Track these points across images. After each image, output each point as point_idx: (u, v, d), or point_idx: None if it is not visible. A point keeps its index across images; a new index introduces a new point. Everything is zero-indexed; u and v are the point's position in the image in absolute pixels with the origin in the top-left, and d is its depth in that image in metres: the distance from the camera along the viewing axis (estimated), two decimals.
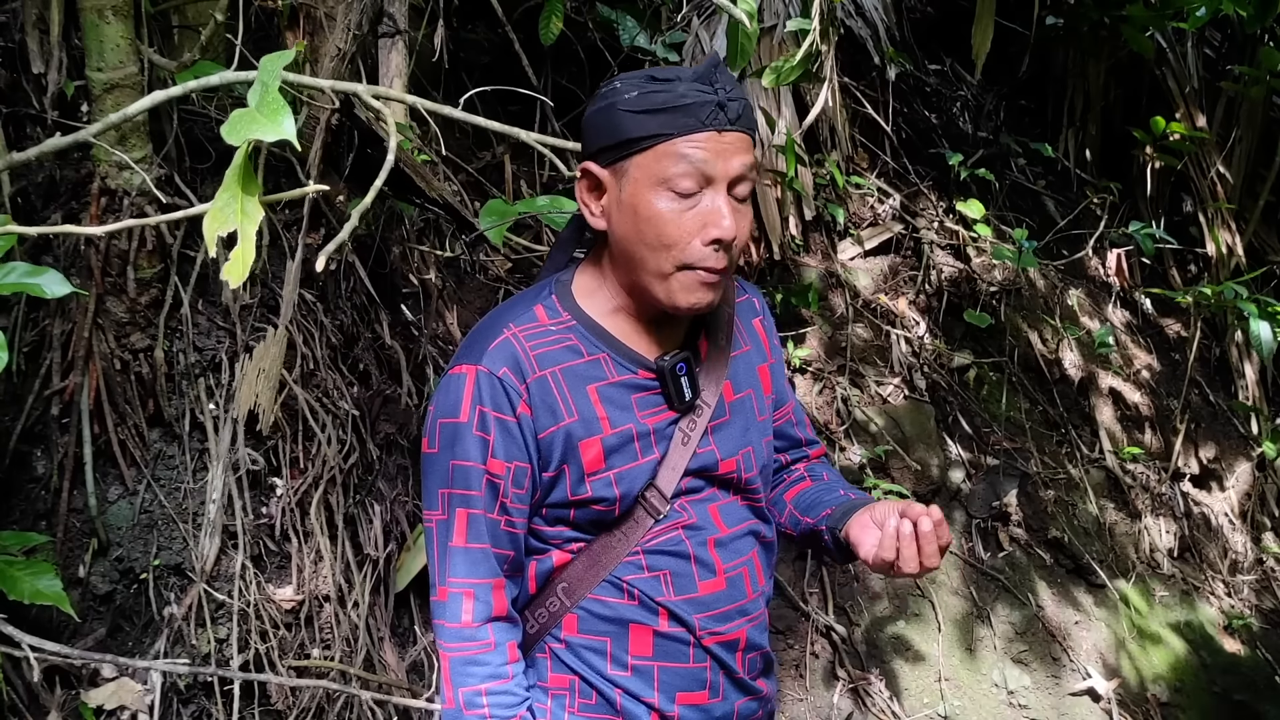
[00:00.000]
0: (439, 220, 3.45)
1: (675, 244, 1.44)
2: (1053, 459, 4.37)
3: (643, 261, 1.47)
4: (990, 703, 3.61)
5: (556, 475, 1.50)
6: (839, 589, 3.61)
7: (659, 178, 1.42)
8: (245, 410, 2.44)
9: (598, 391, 1.50)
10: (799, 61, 2.45)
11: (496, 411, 1.46)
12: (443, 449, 1.47)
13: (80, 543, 2.31)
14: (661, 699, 1.55)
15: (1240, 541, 4.82)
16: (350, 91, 1.72)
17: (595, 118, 1.48)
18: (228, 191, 0.79)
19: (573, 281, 1.57)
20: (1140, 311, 5.28)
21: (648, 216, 1.44)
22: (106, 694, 2.19)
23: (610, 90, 1.47)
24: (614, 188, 1.47)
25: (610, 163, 1.46)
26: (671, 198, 1.43)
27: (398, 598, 2.64)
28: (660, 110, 1.42)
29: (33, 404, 2.31)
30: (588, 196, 1.51)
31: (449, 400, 1.48)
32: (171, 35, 2.53)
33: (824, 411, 3.93)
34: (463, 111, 1.66)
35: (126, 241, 2.34)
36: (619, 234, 1.48)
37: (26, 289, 1.81)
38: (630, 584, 1.53)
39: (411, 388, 2.89)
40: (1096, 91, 5.41)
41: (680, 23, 4.11)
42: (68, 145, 1.74)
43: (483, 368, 1.46)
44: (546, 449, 1.49)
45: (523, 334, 1.50)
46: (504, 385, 1.46)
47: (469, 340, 1.53)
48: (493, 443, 1.46)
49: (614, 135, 1.44)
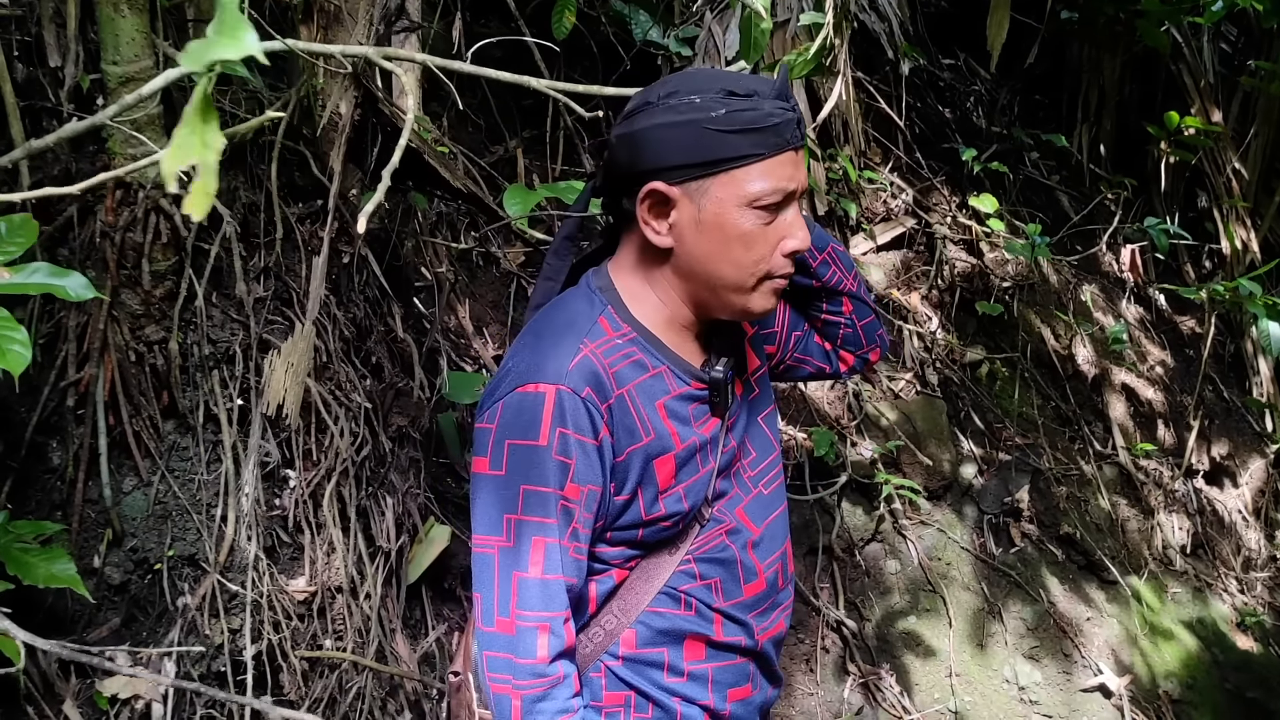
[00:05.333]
0: (452, 214, 3.46)
1: (762, 259, 1.44)
2: (1065, 455, 4.36)
3: (724, 277, 1.45)
4: (1001, 699, 3.60)
5: (630, 498, 1.46)
6: (850, 583, 3.62)
7: (748, 197, 1.41)
8: (274, 405, 2.45)
9: (665, 407, 1.49)
10: (812, 56, 2.45)
11: (579, 434, 1.39)
12: (511, 473, 1.39)
13: (95, 533, 2.33)
14: (716, 699, 1.57)
15: (1253, 538, 4.80)
16: (360, 55, 1.72)
17: (668, 134, 1.40)
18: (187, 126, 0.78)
19: (620, 289, 1.52)
20: (1154, 307, 5.26)
21: (737, 235, 1.42)
22: (121, 683, 2.21)
23: (687, 105, 1.40)
24: (688, 206, 1.42)
25: (684, 180, 1.41)
26: (759, 215, 1.42)
27: (409, 589, 2.65)
28: (751, 130, 1.39)
29: (48, 395, 2.32)
30: (650, 215, 1.45)
31: (521, 420, 1.39)
32: (186, 29, 2.54)
33: (835, 406, 3.93)
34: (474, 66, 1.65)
35: (141, 234, 2.35)
36: (696, 252, 1.44)
37: (50, 290, 1.82)
38: (687, 594, 1.54)
39: (423, 381, 2.90)
40: (1111, 86, 5.38)
41: (693, 17, 4.10)
42: (84, 130, 1.75)
43: (565, 387, 1.39)
44: (622, 471, 1.44)
45: (599, 350, 1.44)
46: (587, 407, 1.40)
47: (533, 354, 1.44)
48: (574, 467, 1.39)
49: (699, 154, 1.39)
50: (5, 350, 1.71)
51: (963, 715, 3.50)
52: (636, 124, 1.43)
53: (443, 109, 3.58)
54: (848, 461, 3.75)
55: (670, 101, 1.41)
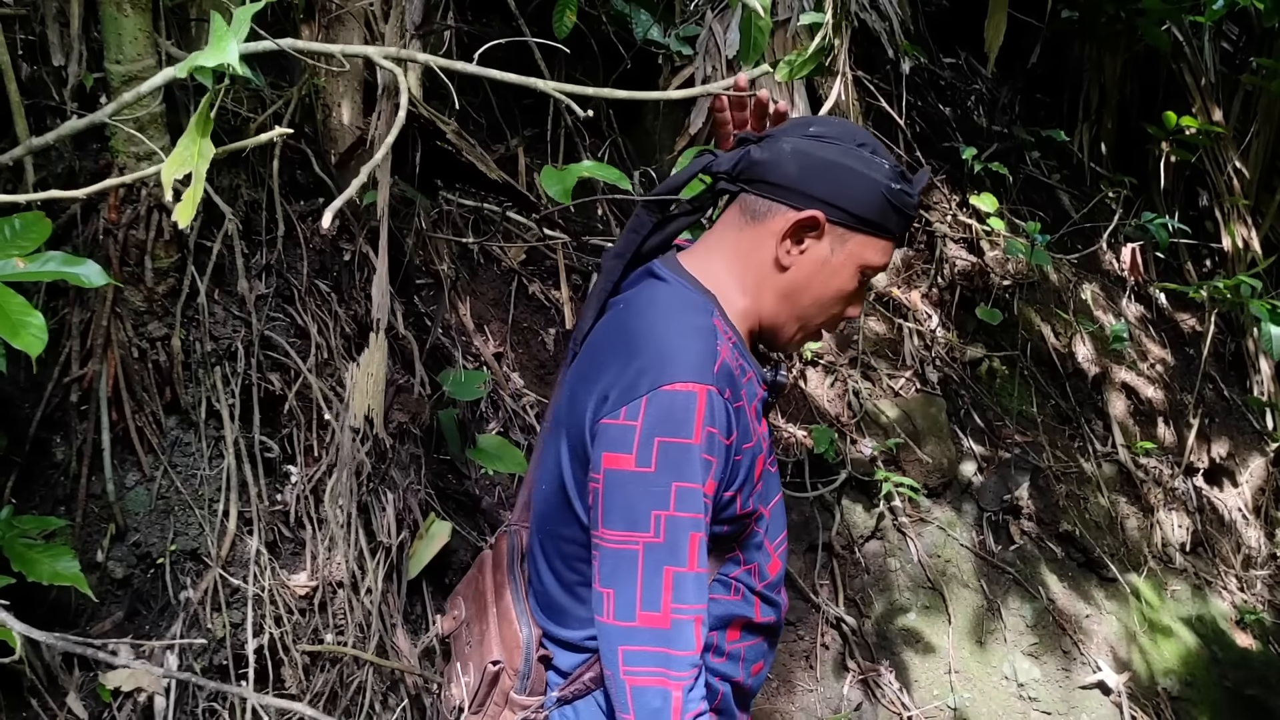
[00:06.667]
0: (453, 211, 3.48)
1: (836, 315, 1.62)
2: (1065, 453, 4.37)
3: (803, 311, 1.60)
4: (1000, 695, 3.61)
5: (734, 496, 1.53)
6: (849, 580, 3.63)
7: (867, 264, 1.57)
8: (361, 415, 2.53)
9: (755, 409, 1.59)
10: (811, 55, 2.46)
11: (721, 434, 1.45)
12: (662, 469, 1.42)
13: (98, 528, 2.35)
14: (745, 675, 1.68)
15: (1253, 536, 4.80)
16: (361, 55, 1.73)
17: (852, 180, 1.52)
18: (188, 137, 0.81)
19: (715, 292, 1.60)
20: (1155, 306, 5.27)
21: (839, 287, 1.58)
22: (123, 676, 2.22)
23: (876, 166, 1.53)
24: (826, 245, 1.55)
25: (838, 223, 1.54)
26: (859, 279, 1.59)
27: (410, 585, 2.66)
28: (902, 212, 1.55)
29: (52, 391, 2.34)
30: (792, 233, 1.55)
31: (674, 418, 1.42)
32: (189, 28, 2.56)
33: (835, 404, 3.94)
34: (477, 66, 1.67)
35: (144, 231, 2.37)
36: (808, 284, 1.57)
37: (65, 278, 1.85)
38: (736, 580, 1.63)
39: (424, 377, 2.92)
40: (1112, 85, 5.39)
41: (694, 16, 4.11)
42: (85, 127, 1.77)
43: (713, 389, 1.44)
44: (734, 470, 1.51)
45: (727, 353, 1.51)
46: (727, 408, 1.46)
47: (669, 352, 1.47)
48: (715, 466, 1.45)
49: (867, 211, 1.53)
50: (22, 332, 1.73)
51: (962, 712, 3.51)
52: (824, 152, 1.53)
53: (444, 107, 3.59)
54: (848, 459, 3.76)
55: (863, 153, 1.54)
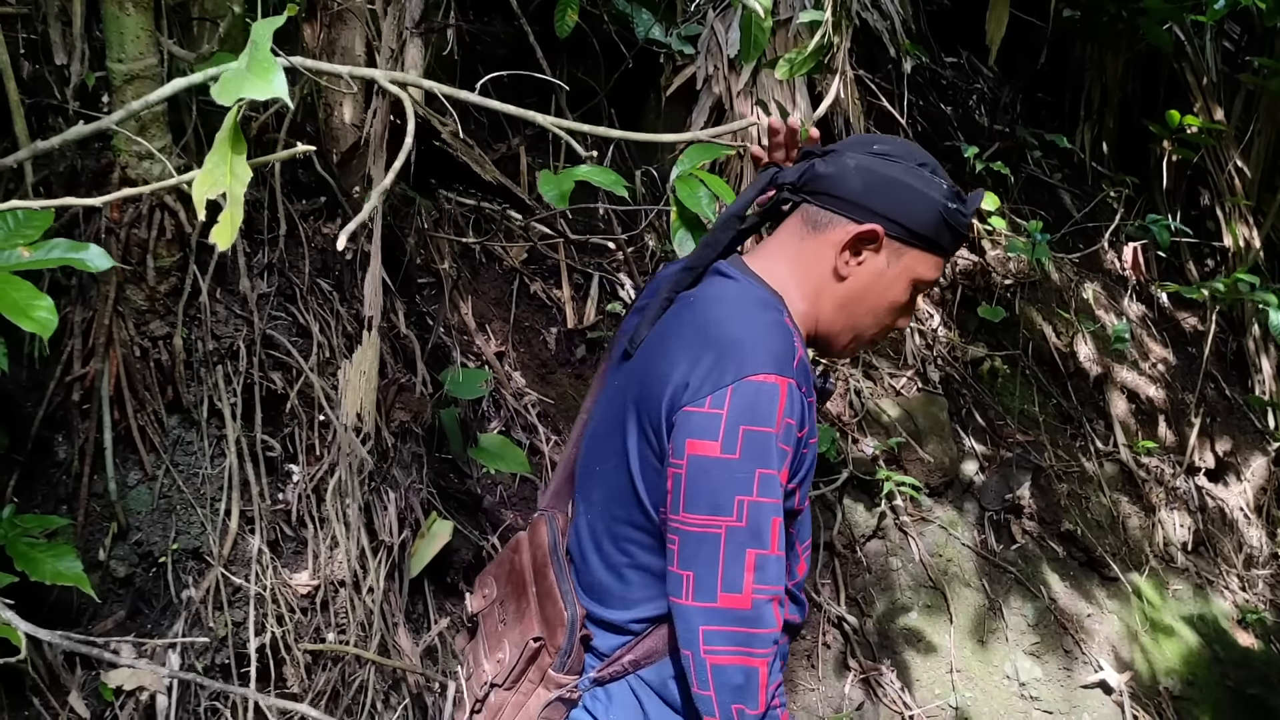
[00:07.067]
0: (454, 211, 3.48)
1: (888, 326, 1.69)
2: (1066, 452, 4.37)
3: (857, 321, 1.67)
4: (1002, 694, 3.61)
5: (795, 489, 1.58)
6: (851, 580, 3.63)
7: (920, 278, 1.64)
8: (353, 414, 2.54)
9: (813, 408, 1.63)
10: (811, 53, 2.46)
11: (798, 426, 1.53)
12: (746, 457, 1.48)
13: (100, 527, 2.35)
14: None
15: (1255, 536, 4.80)
16: (367, 77, 1.74)
17: (913, 198, 1.59)
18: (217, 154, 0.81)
19: (782, 295, 1.65)
20: (1156, 305, 5.27)
21: (893, 299, 1.65)
22: (125, 675, 2.22)
23: (935, 185, 1.60)
24: (884, 258, 1.62)
25: (896, 238, 1.60)
26: (911, 292, 1.65)
27: (411, 584, 2.67)
28: (956, 230, 1.63)
29: (54, 390, 2.34)
30: (851, 244, 1.61)
31: (760, 409, 1.49)
32: (191, 27, 2.55)
33: (837, 403, 3.94)
34: (479, 96, 1.68)
35: (146, 230, 2.37)
36: (858, 292, 1.64)
37: (71, 263, 1.85)
38: None
39: (426, 376, 2.92)
40: (1114, 84, 5.39)
41: (696, 15, 4.12)
42: (89, 133, 1.77)
43: (793, 381, 1.51)
44: (797, 464, 1.57)
45: (805, 352, 1.59)
46: (803, 402, 1.53)
47: (761, 347, 1.53)
48: (790, 455, 1.52)
49: (924, 228, 1.60)
50: (33, 315, 1.73)
51: (963, 711, 3.51)
52: (887, 170, 1.60)
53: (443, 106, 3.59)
54: (849, 458, 3.76)
55: (923, 172, 1.61)
